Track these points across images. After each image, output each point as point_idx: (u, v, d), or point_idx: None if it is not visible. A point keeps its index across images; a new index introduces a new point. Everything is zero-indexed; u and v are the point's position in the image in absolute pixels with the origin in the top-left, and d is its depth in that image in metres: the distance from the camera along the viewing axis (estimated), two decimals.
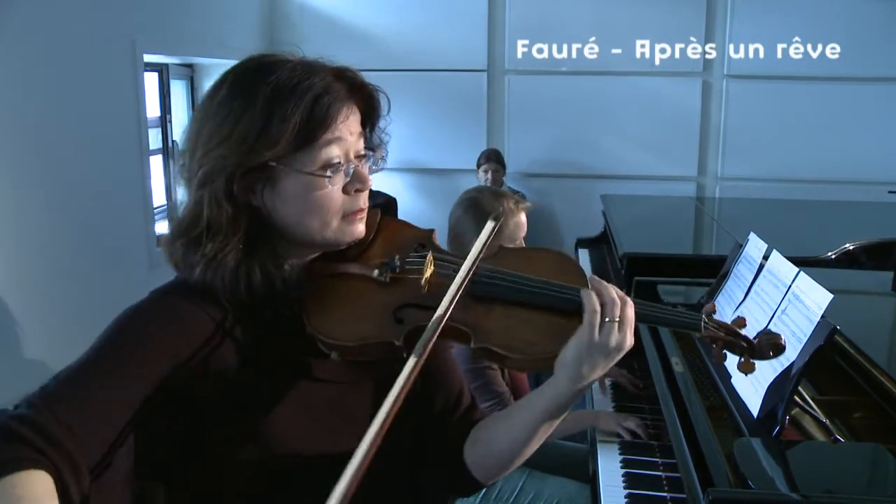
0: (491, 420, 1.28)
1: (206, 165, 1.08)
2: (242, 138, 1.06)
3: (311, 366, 1.17)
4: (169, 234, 1.14)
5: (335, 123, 1.10)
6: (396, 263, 1.17)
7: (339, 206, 1.13)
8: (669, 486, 1.89)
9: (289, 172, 1.09)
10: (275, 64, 1.11)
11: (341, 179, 1.13)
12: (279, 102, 1.07)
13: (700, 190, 5.79)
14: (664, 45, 5.57)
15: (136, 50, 3.77)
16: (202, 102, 1.14)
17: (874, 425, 1.66)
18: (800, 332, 1.60)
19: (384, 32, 5.68)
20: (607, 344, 1.07)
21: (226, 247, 1.08)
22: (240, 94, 1.09)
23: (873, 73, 5.45)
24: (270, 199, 1.12)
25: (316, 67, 1.12)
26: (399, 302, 1.14)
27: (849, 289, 2.52)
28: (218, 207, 1.08)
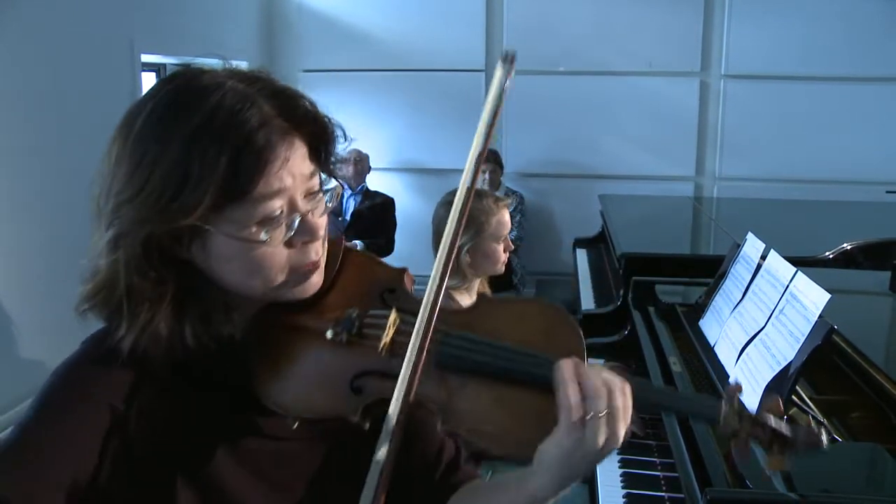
0: (475, 492, 1.09)
1: (116, 226, 0.88)
2: (156, 197, 0.85)
3: (258, 422, 0.99)
4: (83, 297, 0.96)
5: (271, 168, 0.88)
6: (354, 320, 0.97)
7: (283, 262, 0.93)
8: (667, 486, 1.89)
9: (216, 234, 0.89)
10: (200, 90, 0.90)
11: (282, 234, 0.91)
12: (200, 147, 0.85)
13: (698, 190, 5.80)
14: (662, 44, 5.57)
15: (134, 50, 3.77)
16: (118, 129, 0.92)
17: (872, 425, 1.66)
18: (797, 331, 1.60)
19: (382, 32, 5.69)
20: (592, 445, 0.85)
21: (155, 315, 0.90)
22: (155, 133, 0.87)
23: (871, 72, 5.45)
24: (200, 256, 0.92)
25: (248, 95, 0.90)
26: (356, 369, 0.95)
27: (846, 289, 2.52)
28: (138, 274, 0.89)
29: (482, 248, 2.35)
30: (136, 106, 0.92)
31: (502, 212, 2.38)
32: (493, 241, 2.35)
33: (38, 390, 0.95)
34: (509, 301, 1.05)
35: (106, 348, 0.94)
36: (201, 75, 0.94)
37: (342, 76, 5.66)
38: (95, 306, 0.94)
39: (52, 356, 2.81)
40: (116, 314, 0.92)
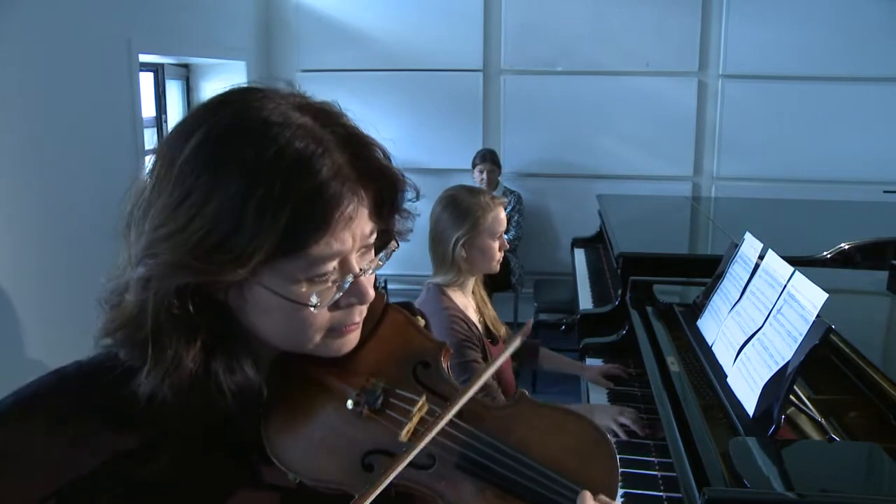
0: None
1: (148, 267, 0.78)
2: (198, 240, 0.75)
3: (262, 472, 0.90)
4: (104, 329, 0.85)
5: (336, 230, 0.79)
6: (378, 397, 0.89)
7: (324, 323, 0.85)
8: (665, 486, 1.89)
9: (260, 287, 0.80)
10: (264, 122, 0.77)
11: (331, 295, 0.83)
12: (261, 192, 0.74)
13: (696, 189, 5.80)
14: (660, 44, 5.57)
15: (132, 50, 3.77)
16: (163, 148, 0.82)
17: (869, 424, 1.66)
18: (795, 331, 1.60)
19: (380, 32, 5.68)
20: None
21: (181, 363, 0.80)
22: (208, 166, 0.76)
23: (868, 72, 5.46)
24: (236, 302, 0.83)
25: (319, 137, 0.78)
26: (371, 446, 0.87)
27: (844, 288, 2.53)
28: (168, 319, 0.79)
29: (477, 243, 2.36)
30: (187, 125, 0.80)
31: (498, 209, 2.40)
32: (488, 237, 2.36)
33: None
34: (552, 408, 0.91)
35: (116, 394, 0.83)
36: (264, 102, 0.80)
37: (340, 76, 5.66)
38: (118, 341, 0.83)
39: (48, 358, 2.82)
40: (138, 354, 0.82)
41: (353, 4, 5.70)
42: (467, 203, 2.37)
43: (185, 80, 5.10)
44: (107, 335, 0.84)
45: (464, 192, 2.43)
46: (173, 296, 0.78)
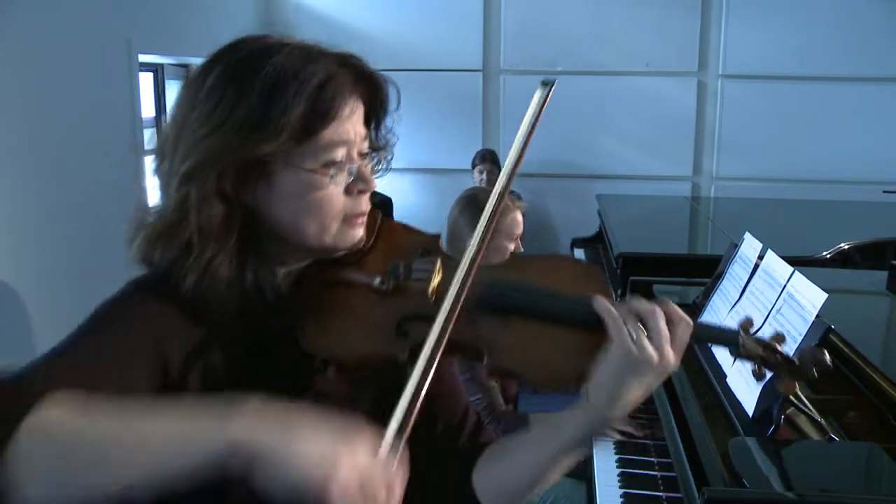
0: (505, 448, 1.12)
1: (194, 157, 0.95)
2: (238, 126, 0.94)
3: (306, 380, 1.05)
4: (145, 236, 1.01)
5: (340, 117, 0.98)
6: (401, 271, 1.05)
7: (339, 208, 1.01)
8: (665, 486, 1.89)
9: (287, 168, 0.97)
10: (272, 48, 0.98)
11: (344, 179, 1.01)
12: (279, 90, 0.95)
13: (695, 190, 5.80)
14: (659, 44, 5.58)
15: (132, 50, 3.76)
16: (184, 89, 1.02)
17: (869, 424, 1.66)
18: (795, 331, 1.60)
19: (379, 32, 5.68)
20: (643, 359, 0.93)
21: (218, 254, 0.96)
22: (233, 80, 0.96)
23: (868, 73, 5.46)
24: (265, 197, 0.99)
25: (317, 52, 1.00)
26: (403, 314, 1.02)
27: (844, 288, 2.53)
28: (208, 206, 0.95)
29: (493, 244, 2.37)
30: (206, 64, 1.01)
31: (516, 212, 2.43)
32: (505, 239, 2.39)
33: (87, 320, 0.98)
34: (539, 256, 1.14)
35: (163, 286, 0.98)
36: (266, 37, 1.02)
37: None
38: (159, 243, 0.99)
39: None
40: (180, 251, 0.97)
41: (352, 4, 5.70)
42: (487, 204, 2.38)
43: (184, 80, 5.09)
44: (149, 245, 1.00)
45: (483, 193, 2.47)
46: (213, 185, 0.95)
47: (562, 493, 2.26)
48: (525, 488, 1.07)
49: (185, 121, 0.98)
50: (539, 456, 1.04)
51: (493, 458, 1.12)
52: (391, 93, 1.10)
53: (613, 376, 0.94)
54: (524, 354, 0.99)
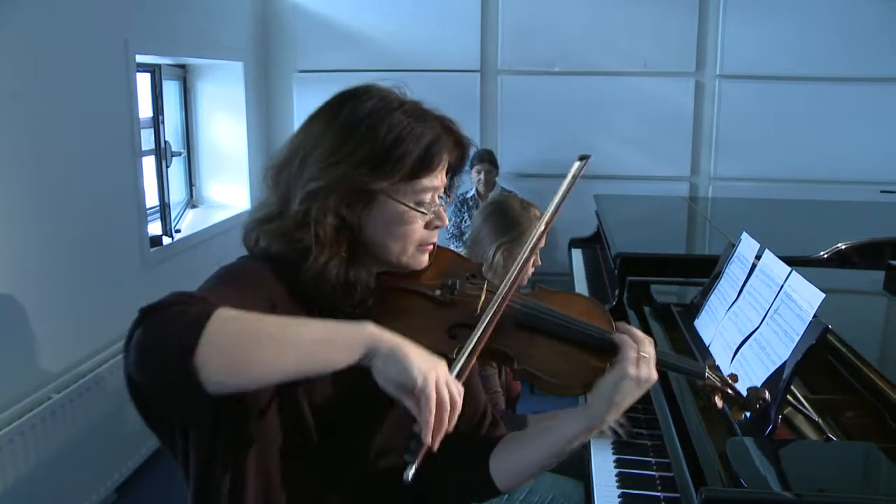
0: (518, 439, 1.39)
1: (321, 180, 1.20)
2: (365, 162, 1.20)
3: None
4: (263, 227, 1.26)
5: (438, 169, 1.27)
6: (457, 288, 1.32)
7: (418, 237, 1.29)
8: (663, 486, 1.90)
9: (388, 200, 1.24)
10: (393, 102, 1.26)
11: (426, 216, 1.28)
12: (400, 142, 1.21)
13: (693, 190, 5.80)
14: (657, 45, 5.58)
15: (129, 50, 3.76)
16: (315, 117, 1.28)
17: (866, 424, 1.66)
18: (792, 331, 1.60)
19: (377, 33, 5.68)
20: (639, 377, 1.24)
21: (332, 259, 1.21)
22: (363, 122, 1.22)
23: (865, 73, 5.46)
24: (365, 218, 1.25)
25: (428, 116, 1.29)
26: (454, 321, 1.28)
27: (841, 288, 2.53)
28: (324, 220, 1.20)
29: (515, 254, 2.39)
30: (337, 100, 1.28)
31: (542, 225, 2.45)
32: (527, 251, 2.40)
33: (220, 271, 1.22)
34: (558, 291, 1.42)
35: (284, 267, 1.23)
36: (389, 91, 1.31)
37: (337, 76, 5.63)
38: (276, 245, 1.24)
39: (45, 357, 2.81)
40: (300, 251, 1.21)
41: (350, 5, 5.70)
42: (517, 214, 2.47)
43: (182, 80, 5.09)
44: (271, 239, 1.25)
45: (516, 203, 2.51)
46: (333, 204, 1.20)
47: (560, 492, 2.27)
48: (533, 471, 1.36)
49: (315, 145, 1.23)
50: (544, 449, 1.31)
51: (506, 449, 1.38)
52: (471, 153, 1.38)
53: (615, 388, 1.23)
54: (545, 364, 1.26)
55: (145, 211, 3.99)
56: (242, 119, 5.23)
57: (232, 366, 0.98)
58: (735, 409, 1.39)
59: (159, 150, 4.61)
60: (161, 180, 4.63)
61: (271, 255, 1.25)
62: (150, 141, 4.53)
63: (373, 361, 1.05)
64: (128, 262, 3.78)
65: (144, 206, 3.98)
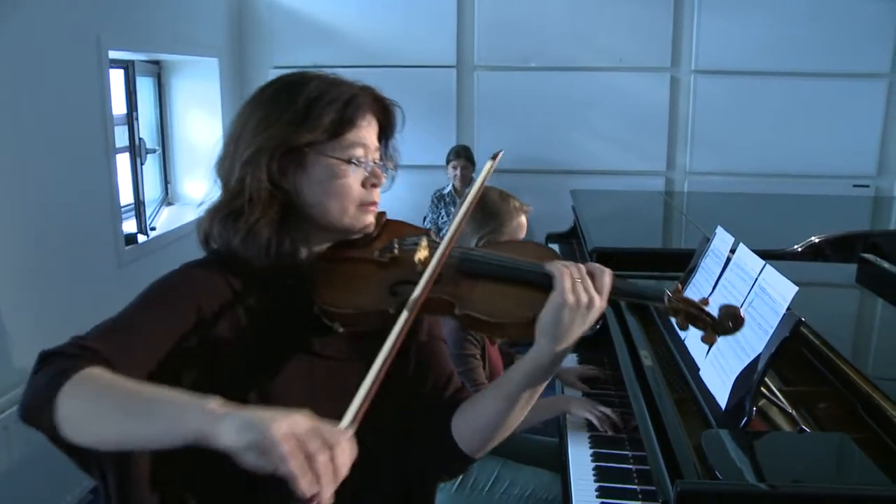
0: (477, 395, 1.38)
1: (252, 147, 1.26)
2: (289, 121, 1.26)
3: (314, 342, 1.32)
4: (209, 211, 1.31)
5: (360, 125, 1.30)
6: (395, 246, 1.34)
7: (356, 195, 1.31)
8: (639, 479, 1.91)
9: (319, 158, 1.28)
10: (312, 75, 1.32)
11: (361, 173, 1.31)
12: (318, 100, 1.27)
13: (668, 184, 5.83)
14: (632, 40, 5.60)
15: (101, 46, 3.72)
16: (245, 105, 1.34)
17: (839, 415, 1.68)
18: (766, 324, 1.62)
19: (352, 28, 5.66)
20: (578, 302, 1.19)
21: (263, 217, 1.25)
22: (285, 91, 1.30)
23: (838, 68, 5.52)
24: (299, 181, 1.29)
25: (345, 81, 1.33)
26: (395, 278, 1.30)
27: (814, 281, 2.55)
28: (258, 183, 1.25)
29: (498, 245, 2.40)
30: (262, 87, 1.34)
31: (523, 216, 2.47)
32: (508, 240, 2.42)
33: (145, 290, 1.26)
34: (508, 242, 1.55)
35: (212, 262, 1.30)
36: (308, 71, 1.34)
37: None
38: (221, 210, 1.28)
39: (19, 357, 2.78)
40: (233, 219, 1.26)
41: (326, 1, 5.67)
42: (496, 206, 2.46)
43: (156, 76, 5.05)
44: (211, 213, 1.30)
45: (495, 194, 2.51)
46: (265, 168, 1.25)
47: (540, 484, 2.28)
48: (494, 424, 1.32)
49: (244, 125, 1.30)
50: (501, 392, 1.29)
51: (467, 405, 1.37)
52: (398, 115, 1.40)
53: (555, 318, 1.19)
54: (485, 306, 1.25)
55: (120, 209, 3.95)
56: (218, 116, 5.19)
57: (75, 426, 1.04)
58: (708, 333, 1.26)
59: (134, 148, 4.57)
60: (136, 178, 4.59)
61: (218, 249, 1.31)
62: (125, 138, 4.49)
63: (220, 439, 0.93)
64: (103, 260, 3.75)
65: (119, 204, 3.94)
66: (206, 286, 1.27)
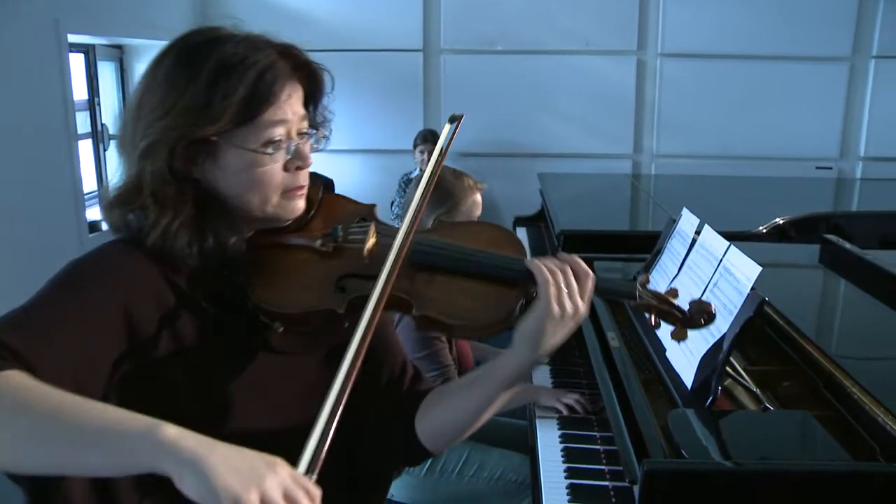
0: (445, 392, 1.28)
1: (149, 137, 1.07)
2: (186, 110, 1.06)
3: (258, 336, 1.17)
4: (108, 202, 1.13)
5: (278, 101, 1.10)
6: (339, 234, 1.19)
7: (279, 182, 1.14)
8: (607, 459, 1.92)
9: (231, 148, 1.09)
10: (220, 38, 1.11)
11: (282, 157, 1.13)
12: (223, 77, 1.07)
13: (636, 167, 5.87)
14: (599, 23, 5.61)
15: (60, 30, 3.65)
16: (145, 73, 1.13)
17: (802, 393, 1.70)
18: (730, 304, 1.63)
19: (318, 12, 5.61)
20: (564, 313, 1.10)
21: (174, 221, 1.08)
22: (185, 66, 1.09)
23: (802, 52, 5.57)
24: (212, 172, 1.12)
25: (260, 43, 1.12)
26: (341, 271, 1.15)
27: (778, 262, 2.58)
28: (160, 180, 1.08)
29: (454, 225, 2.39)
30: (161, 53, 1.13)
31: (477, 194, 2.46)
32: (464, 219, 2.41)
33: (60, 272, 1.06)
34: (464, 223, 1.32)
35: (129, 247, 1.10)
36: (219, 28, 1.14)
37: None
38: (119, 206, 1.11)
39: None
40: (141, 215, 1.09)
41: None
42: (450, 184, 2.43)
43: (118, 61, 4.97)
44: (113, 207, 1.12)
45: (448, 173, 2.48)
46: (165, 160, 1.07)
47: (509, 465, 2.29)
48: (464, 426, 1.23)
49: (141, 104, 1.10)
50: (476, 397, 1.19)
51: (434, 402, 1.26)
52: (326, 78, 1.22)
53: (538, 327, 1.10)
54: (447, 306, 1.12)
55: (83, 196, 3.90)
56: None
57: None
58: (678, 328, 1.21)
59: (96, 134, 4.50)
60: (99, 164, 4.52)
61: (128, 230, 1.13)
62: (87, 124, 4.42)
63: (171, 473, 0.82)
64: (66, 248, 3.69)
65: (82, 191, 3.89)
66: (134, 273, 1.08)
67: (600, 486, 1.81)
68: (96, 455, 0.86)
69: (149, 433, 0.83)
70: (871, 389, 1.51)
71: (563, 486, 1.82)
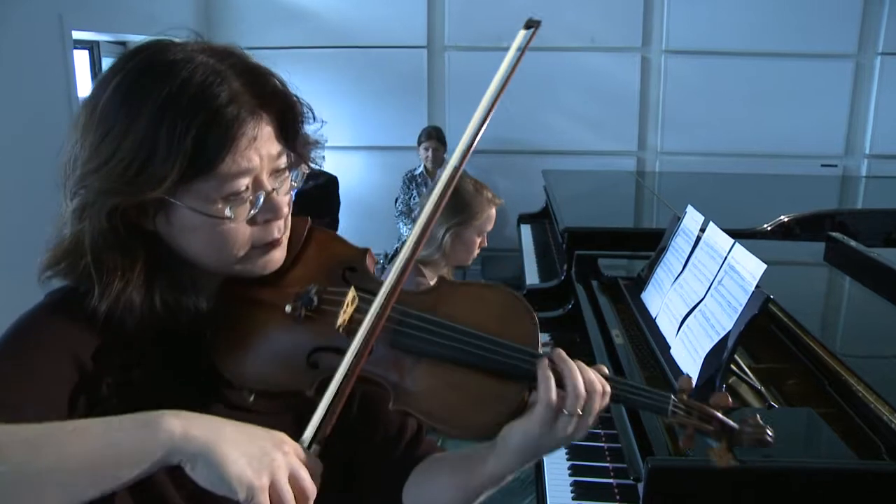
0: (436, 471, 1.12)
1: (81, 196, 0.89)
2: (123, 168, 0.86)
3: (224, 394, 1.00)
4: (46, 263, 0.95)
5: (238, 146, 0.88)
6: (313, 298, 0.98)
7: (245, 239, 0.94)
8: (611, 457, 1.92)
9: (182, 207, 0.90)
10: (167, 64, 0.88)
11: (246, 211, 0.92)
12: (168, 119, 0.85)
13: (640, 164, 5.86)
14: (604, 20, 5.60)
15: (64, 26, 3.65)
16: (83, 102, 0.93)
17: (806, 391, 1.70)
18: (735, 301, 1.63)
19: (323, 9, 5.61)
20: (554, 435, 0.92)
21: (127, 285, 0.91)
22: (122, 104, 0.87)
23: (807, 49, 5.55)
24: (165, 227, 0.93)
25: (219, 68, 0.90)
26: (313, 344, 0.96)
27: (783, 259, 2.57)
28: (105, 245, 0.90)
29: (464, 236, 2.42)
30: (104, 78, 0.91)
31: (492, 209, 2.48)
32: (475, 233, 2.45)
33: None
34: (469, 285, 1.04)
35: (76, 305, 0.92)
36: (171, 47, 0.92)
37: (283, 53, 5.56)
38: (61, 272, 0.94)
39: None
40: (85, 279, 0.91)
41: None
42: (469, 196, 2.44)
43: None
44: (50, 268, 0.94)
45: (468, 184, 2.48)
46: (105, 222, 0.88)
47: None
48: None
49: (79, 145, 0.90)
50: (463, 485, 1.04)
51: (425, 476, 1.12)
52: (302, 105, 0.99)
53: (522, 441, 0.93)
54: (430, 404, 0.93)
55: None
56: None
57: None
58: (721, 449, 0.97)
59: None
60: None
61: (74, 284, 0.95)
62: None
63: (182, 464, 0.79)
64: None
65: None
66: (76, 341, 0.92)
67: (604, 483, 1.81)
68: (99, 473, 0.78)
69: (150, 432, 0.79)
70: (875, 387, 1.50)
71: (567, 484, 1.82)
